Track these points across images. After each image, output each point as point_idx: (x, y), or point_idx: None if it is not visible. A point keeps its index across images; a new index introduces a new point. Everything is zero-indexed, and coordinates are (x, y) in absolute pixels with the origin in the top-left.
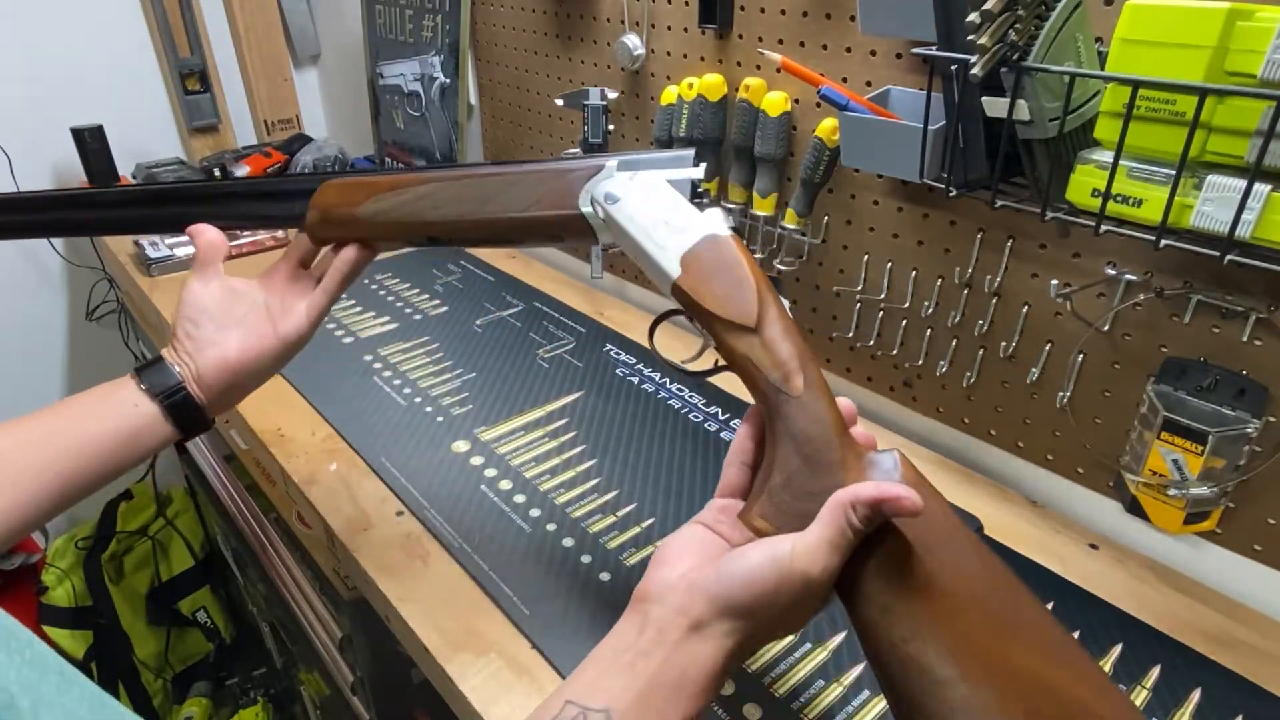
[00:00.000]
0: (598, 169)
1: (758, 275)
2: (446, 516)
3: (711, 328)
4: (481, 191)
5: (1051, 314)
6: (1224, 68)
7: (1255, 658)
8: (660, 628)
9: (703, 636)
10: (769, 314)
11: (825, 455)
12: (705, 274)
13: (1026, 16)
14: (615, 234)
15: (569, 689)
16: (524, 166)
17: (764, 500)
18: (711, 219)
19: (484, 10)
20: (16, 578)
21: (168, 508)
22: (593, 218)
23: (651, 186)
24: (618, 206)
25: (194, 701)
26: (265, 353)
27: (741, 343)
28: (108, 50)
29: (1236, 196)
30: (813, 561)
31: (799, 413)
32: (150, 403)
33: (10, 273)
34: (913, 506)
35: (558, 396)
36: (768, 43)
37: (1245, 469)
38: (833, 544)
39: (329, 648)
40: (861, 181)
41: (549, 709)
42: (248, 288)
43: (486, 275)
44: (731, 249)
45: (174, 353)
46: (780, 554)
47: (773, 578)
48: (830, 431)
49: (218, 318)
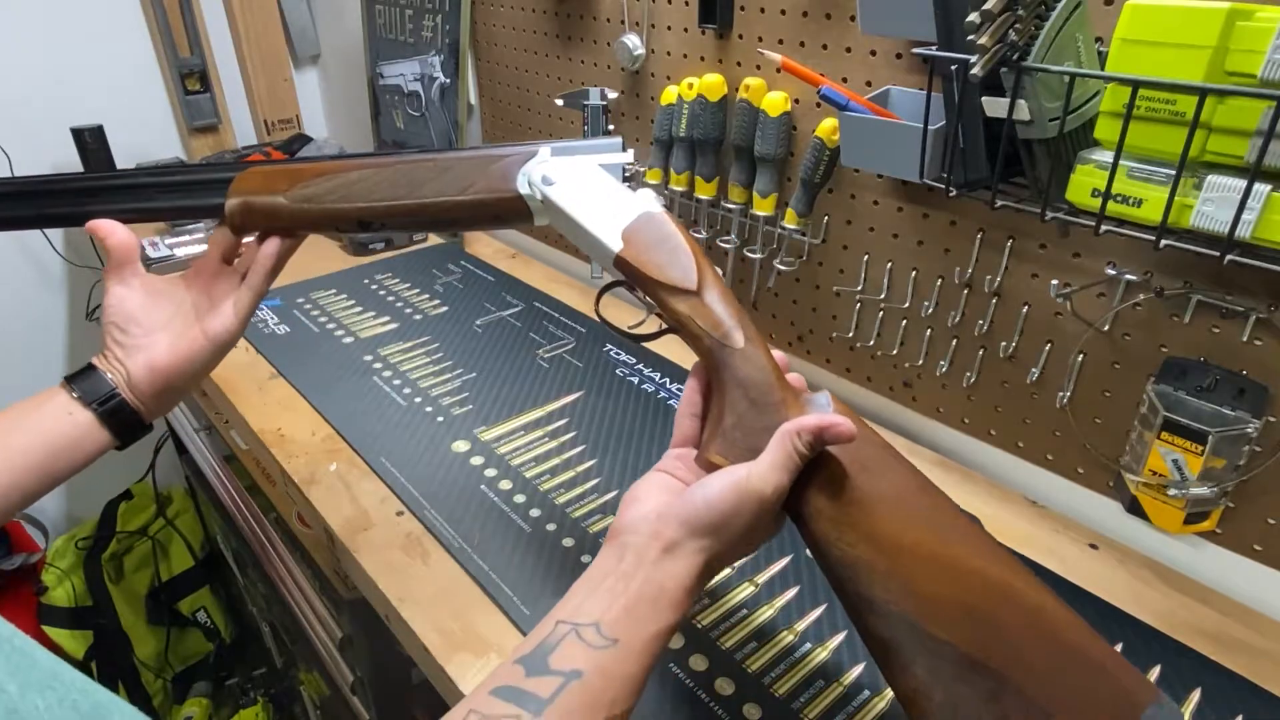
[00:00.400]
0: (532, 154)
1: (693, 245)
2: (446, 516)
3: (655, 294)
4: (415, 177)
5: (1051, 314)
6: (1224, 68)
7: (1255, 658)
8: (638, 553)
9: (676, 555)
10: (707, 278)
11: (769, 397)
12: (645, 246)
13: (1026, 16)
14: (552, 215)
15: (558, 612)
16: (458, 153)
17: (719, 440)
18: (645, 198)
19: (484, 10)
20: (16, 578)
21: (168, 508)
22: (531, 199)
23: (586, 170)
24: (554, 188)
25: (194, 701)
26: (195, 355)
27: (684, 305)
28: (108, 50)
29: (1236, 196)
30: (765, 482)
31: (742, 363)
32: (84, 410)
33: (10, 272)
34: (849, 431)
35: (558, 396)
36: (768, 43)
37: (1245, 469)
38: (782, 467)
39: (329, 648)
40: (861, 181)
41: (540, 632)
42: (170, 287)
43: (486, 275)
44: (667, 223)
45: (104, 360)
46: (738, 478)
47: (733, 498)
48: (771, 377)
49: (144, 322)
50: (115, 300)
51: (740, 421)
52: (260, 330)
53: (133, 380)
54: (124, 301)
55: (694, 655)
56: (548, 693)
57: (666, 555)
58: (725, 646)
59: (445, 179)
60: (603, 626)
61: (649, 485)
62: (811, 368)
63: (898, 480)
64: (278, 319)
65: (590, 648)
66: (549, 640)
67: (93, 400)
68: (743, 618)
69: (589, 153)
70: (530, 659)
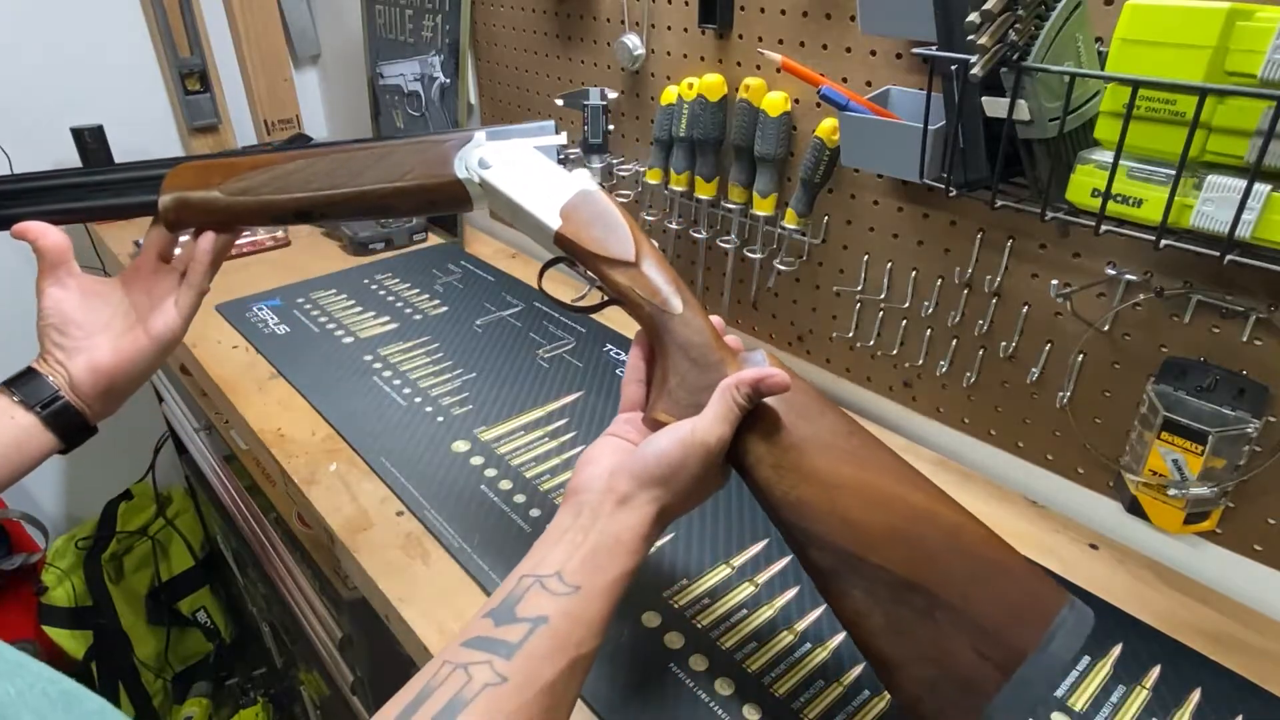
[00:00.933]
0: (468, 139)
1: (629, 219)
2: (446, 516)
3: (596, 268)
4: (353, 165)
5: (1051, 314)
6: (1224, 68)
7: (1255, 658)
8: (593, 508)
9: (629, 507)
10: (644, 249)
11: (709, 356)
12: (583, 222)
13: (1026, 16)
14: (490, 197)
15: (521, 568)
16: (395, 141)
17: (664, 400)
18: (580, 177)
19: (484, 10)
20: (16, 578)
21: (168, 508)
22: (469, 183)
23: (522, 152)
24: (492, 172)
25: (194, 701)
26: (138, 355)
27: (624, 276)
28: (108, 50)
29: (1236, 196)
30: (709, 433)
31: (682, 327)
32: (26, 414)
33: (10, 272)
34: (783, 381)
35: (558, 396)
36: (768, 43)
37: (1245, 469)
38: (724, 419)
39: (329, 648)
40: (861, 181)
41: (506, 587)
42: (108, 288)
43: (486, 275)
44: (603, 199)
45: (44, 363)
46: (684, 432)
47: (680, 450)
48: (709, 338)
49: (83, 323)
50: (52, 302)
51: (683, 381)
52: (260, 330)
53: (75, 382)
54: (61, 303)
55: (694, 655)
56: (517, 638)
57: (620, 507)
58: (725, 646)
59: (383, 166)
60: (564, 575)
61: (601, 448)
62: (811, 368)
63: (829, 424)
64: (277, 319)
65: (554, 595)
66: (515, 592)
67: (35, 403)
68: (743, 618)
69: (524, 136)
70: (498, 611)
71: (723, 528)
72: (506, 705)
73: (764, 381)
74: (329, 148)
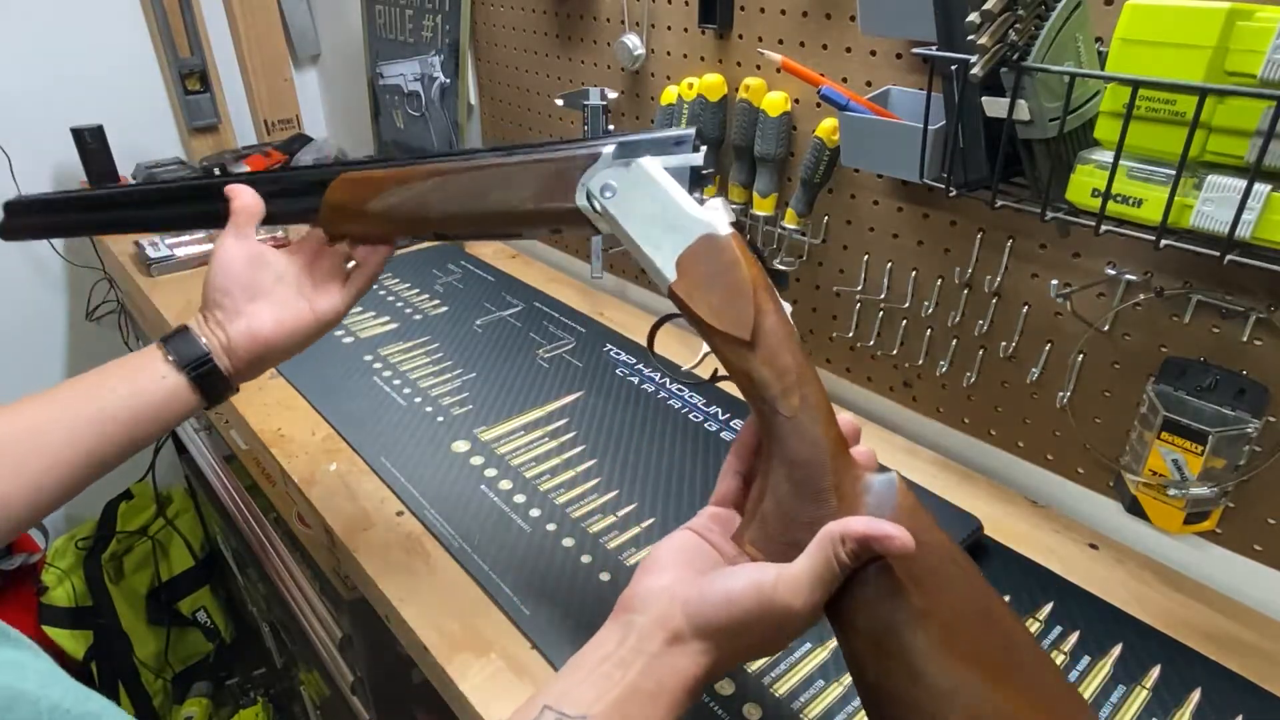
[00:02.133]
0: (594, 157)
1: (756, 281)
2: (446, 516)
3: (708, 338)
4: (480, 186)
5: (1051, 314)
6: (1224, 68)
7: (1255, 658)
8: (640, 637)
9: (680, 651)
10: (765, 325)
11: (816, 482)
12: (701, 279)
13: (1026, 16)
14: (613, 228)
15: (547, 694)
16: (523, 156)
17: (755, 526)
18: (711, 213)
19: (484, 10)
20: (16, 578)
21: (168, 508)
22: (588, 211)
23: (647, 178)
24: (613, 201)
25: (194, 701)
26: (300, 329)
27: (737, 355)
28: (108, 50)
29: (1236, 196)
30: (795, 594)
31: (792, 434)
32: (177, 375)
33: (10, 273)
34: (902, 546)
35: (558, 396)
36: (768, 43)
37: (1245, 469)
38: (819, 578)
39: (329, 648)
40: (861, 181)
41: (526, 713)
42: (275, 258)
43: (486, 275)
44: (730, 251)
45: (203, 323)
46: (764, 583)
47: (754, 606)
48: (824, 455)
49: (247, 286)
50: (226, 255)
51: (779, 507)
52: None
53: (231, 345)
54: (234, 259)
55: None
56: None
57: (671, 648)
58: None
59: (509, 188)
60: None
61: (671, 549)
62: None
63: (962, 603)
64: None
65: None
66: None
67: (186, 364)
68: None
69: (655, 151)
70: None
71: None
72: None
73: (877, 541)
74: (461, 161)
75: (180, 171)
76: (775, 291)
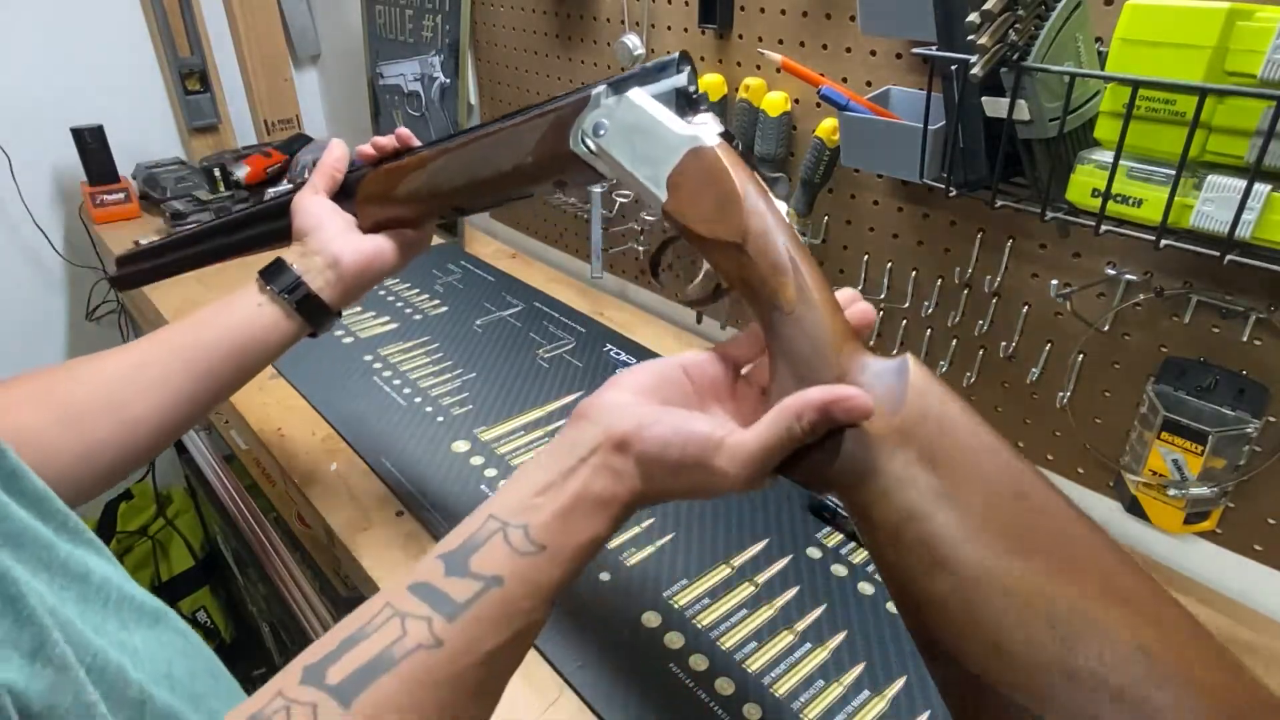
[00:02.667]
0: (585, 100)
1: (745, 185)
2: (446, 516)
3: (705, 252)
4: (484, 152)
5: (1051, 314)
6: (1224, 68)
7: (1255, 658)
8: (590, 445)
9: (617, 474)
10: (754, 225)
11: (819, 375)
12: (691, 194)
13: (1026, 16)
14: (609, 165)
15: (493, 503)
16: (517, 118)
17: None
18: (697, 127)
19: (484, 10)
20: None
21: (168, 508)
22: (584, 154)
23: (634, 108)
24: (605, 138)
25: None
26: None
27: (732, 262)
28: (108, 50)
29: (1236, 196)
30: (733, 462)
31: (792, 329)
32: (273, 303)
33: (10, 273)
34: (862, 406)
35: (558, 396)
36: (768, 43)
37: (1245, 469)
38: (767, 451)
39: None
40: (861, 181)
41: (469, 528)
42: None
43: (486, 275)
44: (715, 160)
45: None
46: (711, 439)
47: (693, 457)
48: (825, 348)
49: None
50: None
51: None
52: None
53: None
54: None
55: (694, 655)
56: (464, 597)
57: (612, 460)
58: (725, 647)
59: (509, 148)
60: (531, 530)
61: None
62: None
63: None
64: None
65: (515, 553)
66: (476, 537)
67: (281, 290)
68: (743, 618)
69: (641, 82)
70: (453, 556)
71: (723, 528)
72: (437, 674)
73: (835, 404)
74: (464, 135)
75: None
76: (768, 192)
